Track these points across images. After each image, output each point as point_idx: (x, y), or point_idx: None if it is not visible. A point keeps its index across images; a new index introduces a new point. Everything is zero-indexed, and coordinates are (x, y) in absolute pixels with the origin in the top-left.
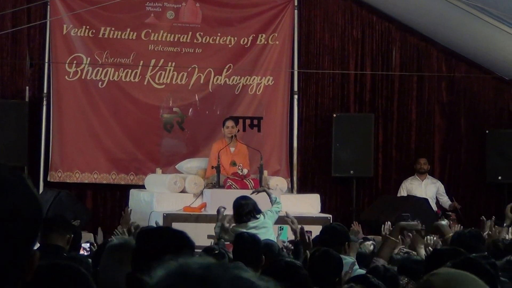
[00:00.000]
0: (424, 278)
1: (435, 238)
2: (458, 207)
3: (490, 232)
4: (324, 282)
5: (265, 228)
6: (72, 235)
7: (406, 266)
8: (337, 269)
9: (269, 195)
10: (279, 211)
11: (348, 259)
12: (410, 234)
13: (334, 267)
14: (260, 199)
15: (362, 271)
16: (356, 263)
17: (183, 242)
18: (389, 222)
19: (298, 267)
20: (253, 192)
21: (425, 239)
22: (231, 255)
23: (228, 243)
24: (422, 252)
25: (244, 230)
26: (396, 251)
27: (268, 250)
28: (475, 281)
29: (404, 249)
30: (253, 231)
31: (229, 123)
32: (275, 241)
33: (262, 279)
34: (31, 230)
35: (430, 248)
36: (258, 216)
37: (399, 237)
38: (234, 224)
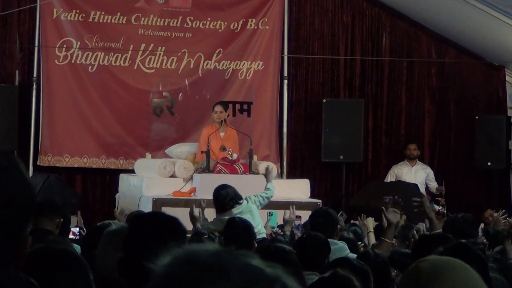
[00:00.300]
0: (413, 264)
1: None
2: (443, 192)
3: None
4: (312, 265)
5: (250, 213)
6: (62, 220)
7: (394, 259)
8: (325, 252)
9: (267, 180)
10: (267, 197)
11: (341, 244)
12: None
13: (322, 250)
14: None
15: (354, 255)
16: (346, 247)
17: (175, 228)
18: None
19: (287, 252)
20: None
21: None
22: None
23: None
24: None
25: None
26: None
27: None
28: (464, 267)
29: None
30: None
31: (218, 108)
32: (262, 225)
33: (270, 266)
34: (24, 215)
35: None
36: (240, 201)
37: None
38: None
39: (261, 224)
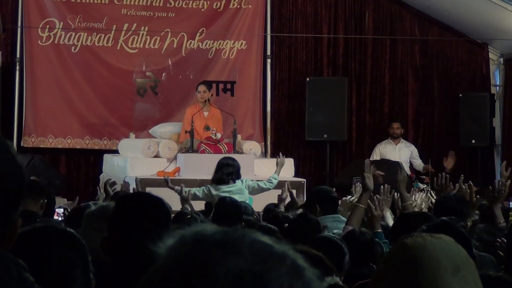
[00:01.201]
0: (398, 240)
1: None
2: (431, 170)
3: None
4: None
5: (239, 195)
6: (46, 200)
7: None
8: (315, 231)
9: (275, 171)
10: (264, 188)
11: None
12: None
13: (312, 229)
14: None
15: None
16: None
17: (160, 208)
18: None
19: (273, 231)
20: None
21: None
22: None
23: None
24: (388, 215)
25: (219, 194)
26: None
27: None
28: (450, 242)
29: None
30: (226, 195)
31: (201, 88)
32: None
33: (279, 243)
34: (15, 197)
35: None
36: (236, 181)
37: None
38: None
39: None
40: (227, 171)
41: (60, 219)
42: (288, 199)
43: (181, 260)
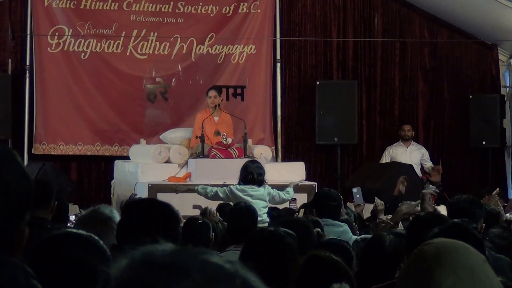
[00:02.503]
0: (417, 247)
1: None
2: (440, 171)
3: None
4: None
5: (261, 200)
6: (56, 202)
7: None
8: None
9: (290, 185)
10: (283, 198)
11: (345, 227)
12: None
13: (304, 233)
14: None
15: (356, 237)
16: (349, 229)
17: (168, 214)
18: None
19: (282, 235)
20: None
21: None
22: (219, 225)
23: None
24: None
25: (242, 196)
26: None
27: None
28: (467, 250)
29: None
30: (248, 198)
31: (212, 93)
32: (266, 215)
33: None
34: (22, 206)
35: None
36: (260, 185)
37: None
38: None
39: (265, 215)
40: (258, 172)
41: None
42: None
43: (129, 285)
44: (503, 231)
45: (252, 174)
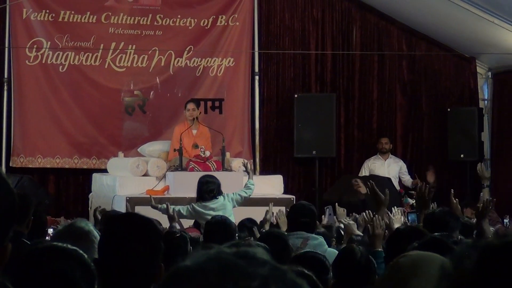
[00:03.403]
0: (394, 260)
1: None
2: (419, 185)
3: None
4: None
5: (223, 210)
6: (32, 218)
7: None
8: (284, 247)
9: (248, 176)
10: (246, 196)
11: (320, 239)
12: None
13: (280, 245)
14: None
15: (334, 251)
16: (324, 242)
17: (150, 229)
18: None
19: (266, 248)
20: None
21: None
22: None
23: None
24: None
25: (204, 211)
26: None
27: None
28: (442, 261)
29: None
30: (211, 212)
31: (190, 106)
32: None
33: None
34: (6, 221)
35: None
36: (218, 197)
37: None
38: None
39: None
40: (208, 189)
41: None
42: (273, 220)
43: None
44: (475, 241)
45: (203, 192)
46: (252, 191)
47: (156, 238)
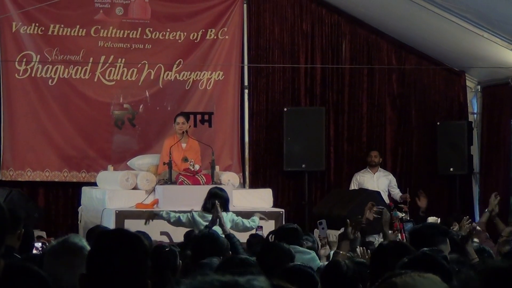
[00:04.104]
0: (388, 279)
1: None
2: (407, 200)
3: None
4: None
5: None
6: (23, 230)
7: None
8: (288, 260)
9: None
10: (247, 227)
11: (312, 254)
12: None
13: (285, 257)
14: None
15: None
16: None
17: (138, 245)
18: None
19: (252, 264)
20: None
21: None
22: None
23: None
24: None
25: (202, 222)
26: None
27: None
28: (436, 282)
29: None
30: (208, 224)
31: (180, 119)
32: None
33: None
34: None
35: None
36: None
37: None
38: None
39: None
40: (213, 203)
41: (39, 252)
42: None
43: None
44: (460, 256)
45: (208, 204)
46: (255, 225)
47: (143, 255)
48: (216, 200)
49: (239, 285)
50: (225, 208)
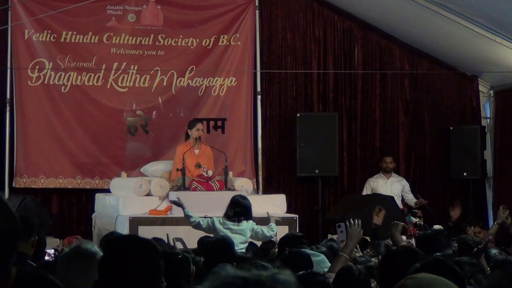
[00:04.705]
0: (400, 281)
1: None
2: (425, 203)
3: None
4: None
5: (239, 235)
6: (37, 237)
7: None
8: (307, 266)
9: (270, 220)
10: (267, 236)
11: (322, 256)
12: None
13: (304, 264)
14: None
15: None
16: (326, 259)
17: (150, 251)
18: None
19: (266, 268)
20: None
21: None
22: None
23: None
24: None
25: (222, 229)
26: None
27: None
28: (447, 285)
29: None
30: (227, 232)
31: (200, 126)
32: (242, 251)
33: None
34: (9, 246)
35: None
36: (243, 221)
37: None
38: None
39: (242, 250)
40: (235, 211)
41: (51, 259)
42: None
43: None
44: (471, 258)
45: (230, 212)
46: (274, 234)
47: (155, 259)
48: (234, 208)
49: (261, 280)
50: (247, 216)
